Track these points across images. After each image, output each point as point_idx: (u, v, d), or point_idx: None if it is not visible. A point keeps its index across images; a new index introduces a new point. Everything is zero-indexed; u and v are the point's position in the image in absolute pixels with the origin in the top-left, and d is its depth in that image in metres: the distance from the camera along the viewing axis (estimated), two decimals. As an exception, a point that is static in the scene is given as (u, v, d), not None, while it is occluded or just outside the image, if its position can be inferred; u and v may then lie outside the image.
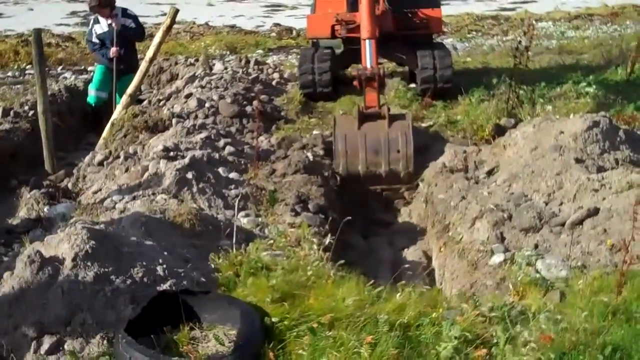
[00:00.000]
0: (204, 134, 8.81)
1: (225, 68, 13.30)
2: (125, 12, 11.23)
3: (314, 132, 9.97)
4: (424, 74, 11.47)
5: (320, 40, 12.19)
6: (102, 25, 11.16)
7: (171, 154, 7.95)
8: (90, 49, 12.01)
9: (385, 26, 10.62)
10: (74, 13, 27.22)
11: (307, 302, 4.69)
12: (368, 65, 9.09)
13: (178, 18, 10.84)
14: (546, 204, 6.53)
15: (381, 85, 9.34)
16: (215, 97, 10.80)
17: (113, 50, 10.96)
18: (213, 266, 5.43)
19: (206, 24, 24.08)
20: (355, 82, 9.26)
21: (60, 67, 16.12)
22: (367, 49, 9.20)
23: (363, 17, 9.47)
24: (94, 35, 11.29)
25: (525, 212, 6.33)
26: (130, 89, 10.39)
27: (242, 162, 8.16)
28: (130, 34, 11.17)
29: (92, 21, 11.41)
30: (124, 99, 10.36)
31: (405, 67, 13.07)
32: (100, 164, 8.58)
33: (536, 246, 5.99)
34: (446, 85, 11.43)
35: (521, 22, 21.79)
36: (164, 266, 5.06)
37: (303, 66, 11.72)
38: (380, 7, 10.81)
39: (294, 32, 21.59)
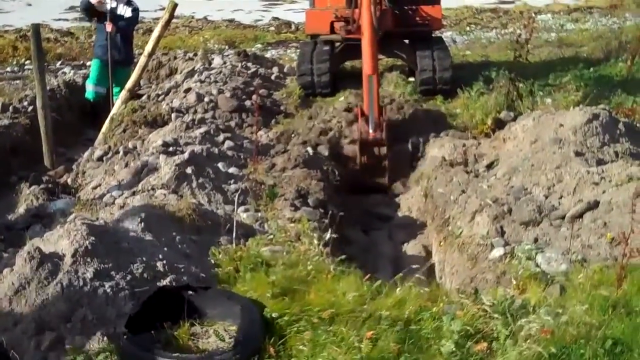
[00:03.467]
0: (203, 129, 8.80)
1: (224, 62, 13.25)
2: (128, 1, 11.16)
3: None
4: (423, 76, 11.44)
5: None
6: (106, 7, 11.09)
7: (170, 149, 7.94)
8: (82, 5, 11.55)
9: (384, 25, 10.53)
10: (72, 8, 27.07)
11: (308, 297, 4.69)
12: (371, 129, 8.85)
13: (177, 12, 10.82)
14: (546, 197, 6.52)
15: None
16: (214, 92, 10.78)
17: (109, 26, 10.92)
18: (213, 261, 5.43)
19: (205, 18, 24.05)
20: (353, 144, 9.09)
21: (59, 62, 16.10)
22: (369, 95, 8.88)
23: (365, 51, 9.09)
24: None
25: (525, 205, 6.32)
26: (129, 84, 10.37)
27: (242, 156, 8.15)
28: (124, 26, 11.08)
29: None
30: (123, 93, 10.34)
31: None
32: (100, 159, 8.57)
33: (536, 240, 5.98)
34: (445, 87, 11.41)
35: (520, 15, 21.80)
36: (164, 262, 5.06)
37: (302, 67, 11.68)
38: (381, 7, 10.69)
39: (293, 26, 21.56)
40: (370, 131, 8.85)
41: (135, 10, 11.24)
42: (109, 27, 10.93)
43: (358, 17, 9.54)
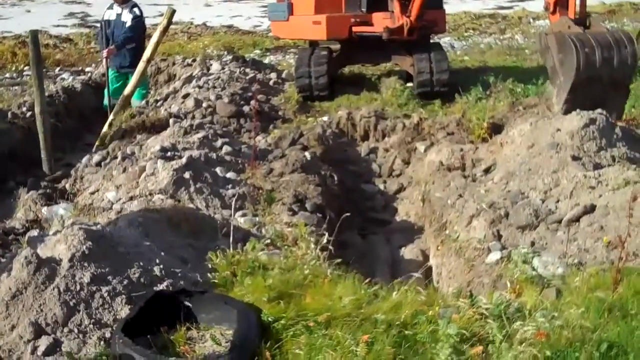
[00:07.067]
0: (201, 134, 8.82)
1: (223, 68, 13.29)
2: (132, 9, 11.10)
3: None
4: (420, 78, 11.51)
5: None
6: (112, 13, 11.13)
7: (168, 154, 7.95)
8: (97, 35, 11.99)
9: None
10: (71, 14, 27.22)
11: (304, 301, 4.69)
12: None
13: (175, 18, 10.83)
14: (543, 201, 6.54)
15: None
16: (212, 97, 10.80)
17: (104, 52, 10.96)
18: (210, 266, 5.42)
19: (204, 24, 24.12)
20: None
21: (58, 68, 16.13)
22: None
23: None
24: (103, 18, 11.30)
25: (522, 209, 6.34)
26: (127, 90, 10.39)
27: (240, 161, 8.16)
28: (122, 39, 11.04)
29: (108, 5, 11.38)
30: (122, 99, 10.36)
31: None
32: (98, 164, 8.59)
33: (533, 244, 5.99)
34: (443, 89, 11.48)
35: (519, 21, 21.85)
36: (161, 266, 5.06)
37: (300, 70, 11.76)
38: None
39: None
40: None
41: (135, 19, 11.11)
42: (104, 52, 10.96)
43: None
